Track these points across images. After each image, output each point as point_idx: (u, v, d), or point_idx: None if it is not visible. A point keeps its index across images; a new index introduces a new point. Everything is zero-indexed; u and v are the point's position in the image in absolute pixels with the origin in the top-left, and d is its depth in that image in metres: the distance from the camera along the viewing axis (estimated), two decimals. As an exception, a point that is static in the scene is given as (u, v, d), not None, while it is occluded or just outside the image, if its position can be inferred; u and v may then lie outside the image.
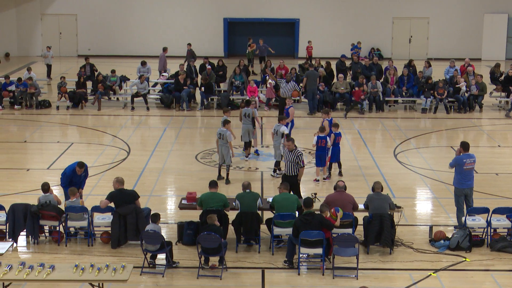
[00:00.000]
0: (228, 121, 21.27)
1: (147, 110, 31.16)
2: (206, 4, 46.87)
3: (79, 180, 17.55)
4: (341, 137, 21.83)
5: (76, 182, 17.41)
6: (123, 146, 25.21)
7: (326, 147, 21.06)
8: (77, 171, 17.41)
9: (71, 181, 17.36)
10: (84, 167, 17.51)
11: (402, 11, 47.08)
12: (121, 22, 46.96)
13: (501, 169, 22.42)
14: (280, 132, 21.32)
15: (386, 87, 31.63)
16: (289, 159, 18.23)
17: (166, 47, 37.06)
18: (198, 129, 28.47)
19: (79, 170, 17.41)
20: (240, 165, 22.76)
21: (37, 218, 16.24)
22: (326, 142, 21.04)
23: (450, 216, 18.19)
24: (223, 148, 20.91)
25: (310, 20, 46.99)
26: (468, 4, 46.73)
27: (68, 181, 17.35)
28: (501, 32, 46.84)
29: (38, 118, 29.72)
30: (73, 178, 17.41)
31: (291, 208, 16.00)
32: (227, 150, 20.86)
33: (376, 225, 15.82)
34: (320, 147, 20.99)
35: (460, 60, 36.28)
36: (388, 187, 20.12)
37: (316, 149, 21.10)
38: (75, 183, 17.35)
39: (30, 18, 46.95)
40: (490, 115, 31.00)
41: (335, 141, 21.40)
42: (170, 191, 20.68)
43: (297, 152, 18.25)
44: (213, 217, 15.25)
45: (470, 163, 16.99)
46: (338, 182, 16.59)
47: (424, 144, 26.20)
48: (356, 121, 29.45)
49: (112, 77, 32.50)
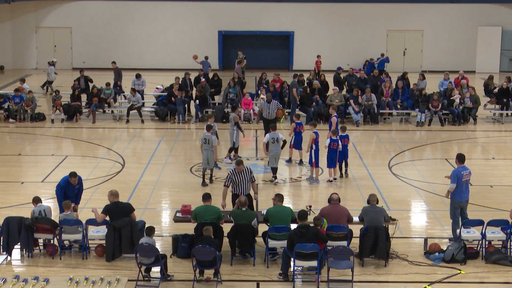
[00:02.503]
0: (211, 126, 22.38)
1: (141, 123, 31.15)
2: (201, 17, 46.94)
3: (73, 192, 17.53)
4: (348, 139, 22.74)
5: (70, 194, 17.40)
6: (118, 159, 25.18)
7: (337, 149, 22.01)
8: (71, 181, 17.41)
9: (65, 193, 17.34)
10: (77, 177, 17.51)
11: (396, 24, 47.21)
12: (116, 35, 46.99)
13: (496, 181, 22.45)
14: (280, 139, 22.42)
15: (381, 99, 31.69)
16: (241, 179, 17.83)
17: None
18: (193, 141, 28.44)
19: (73, 180, 17.41)
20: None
21: (32, 231, 16.19)
22: (338, 145, 21.98)
23: (445, 228, 18.20)
24: (208, 152, 21.76)
25: (305, 32, 47.09)
26: (462, 17, 46.89)
27: (63, 192, 17.32)
28: (495, 45, 46.97)
29: (32, 131, 29.69)
30: (67, 190, 17.40)
31: (286, 221, 15.98)
32: (212, 154, 21.77)
33: (371, 237, 15.81)
34: (332, 149, 21.95)
35: (454, 72, 36.36)
36: (383, 200, 20.12)
37: (328, 151, 22.00)
38: (69, 195, 17.34)
39: (25, 31, 46.96)
40: (484, 128, 31.05)
41: (343, 143, 22.37)
42: (165, 204, 20.66)
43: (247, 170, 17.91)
44: (210, 229, 15.24)
45: (466, 175, 17.06)
46: (332, 195, 16.58)
47: (418, 157, 26.22)
48: (351, 133, 29.41)
49: (106, 90, 32.51)
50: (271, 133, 22.42)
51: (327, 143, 22.09)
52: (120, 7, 46.97)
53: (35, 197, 16.86)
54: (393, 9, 46.98)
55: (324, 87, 32.76)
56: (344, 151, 22.56)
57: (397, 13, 47.07)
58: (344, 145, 22.42)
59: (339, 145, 22.08)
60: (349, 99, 31.28)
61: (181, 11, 46.99)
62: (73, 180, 17.45)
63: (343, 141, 22.41)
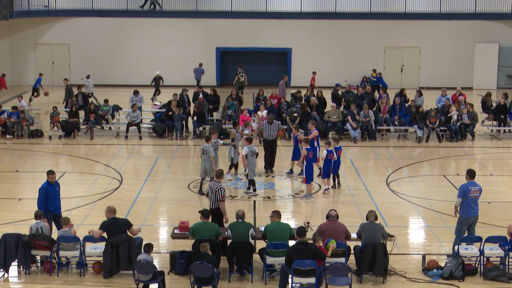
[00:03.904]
0: (209, 137, 22.72)
1: (139, 139, 31.16)
2: (199, 33, 47.05)
3: (55, 193, 17.60)
4: (341, 150, 23.49)
5: (52, 195, 17.48)
6: (116, 175, 25.17)
7: (332, 160, 22.65)
8: (50, 179, 17.50)
9: (47, 195, 17.38)
10: (55, 174, 17.67)
11: (393, 40, 47.33)
12: (114, 52, 47.10)
13: (494, 197, 22.44)
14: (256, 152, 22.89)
15: (378, 116, 31.74)
16: (212, 191, 17.77)
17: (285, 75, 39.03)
18: (191, 158, 28.45)
19: (51, 177, 17.53)
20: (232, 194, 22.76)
21: (29, 248, 16.16)
22: (333, 155, 22.66)
23: (443, 245, 18.19)
24: (206, 162, 22.21)
25: (302, 49, 47.19)
26: (459, 34, 47.03)
27: (45, 196, 17.35)
28: (492, 61, 47.08)
29: (30, 147, 29.68)
30: (49, 192, 17.45)
31: (284, 237, 15.96)
32: (210, 165, 22.09)
33: (369, 254, 15.78)
34: (328, 160, 22.58)
35: (452, 89, 36.45)
36: (381, 216, 20.09)
37: (325, 162, 22.61)
38: (52, 197, 17.43)
39: (23, 47, 47.05)
40: (482, 144, 31.08)
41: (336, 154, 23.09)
42: (163, 221, 20.64)
43: (218, 186, 17.81)
44: (206, 245, 15.21)
45: (475, 191, 16.98)
46: (331, 211, 16.57)
47: (416, 173, 26.23)
48: (348, 150, 29.47)
49: (104, 107, 32.55)
50: (249, 146, 22.75)
51: (324, 154, 22.57)
52: (118, 24, 47.09)
53: (38, 211, 16.78)
54: (391, 26, 47.12)
55: (321, 103, 32.80)
56: (338, 162, 23.22)
57: (395, 30, 47.21)
58: (337, 156, 23.10)
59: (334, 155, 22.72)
60: (346, 116, 31.32)
61: (179, 28, 47.10)
62: (51, 177, 17.55)
63: (337, 153, 23.10)
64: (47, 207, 17.36)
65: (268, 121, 25.50)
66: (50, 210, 17.44)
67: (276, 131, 25.42)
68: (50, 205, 17.50)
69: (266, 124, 25.50)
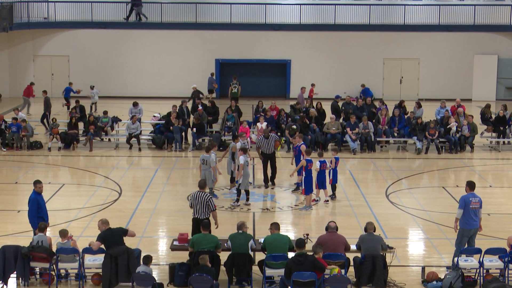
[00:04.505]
0: (210, 147, 22.80)
1: (139, 151, 31.16)
2: (198, 45, 47.13)
3: (43, 202, 17.63)
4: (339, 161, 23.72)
5: (43, 205, 17.48)
6: (115, 187, 25.15)
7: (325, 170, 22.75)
8: (37, 189, 17.50)
9: (39, 204, 17.36)
10: (41, 183, 17.70)
11: (392, 52, 47.42)
12: (113, 64, 47.16)
13: (493, 209, 22.41)
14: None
15: (378, 127, 31.75)
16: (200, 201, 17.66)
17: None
18: (190, 169, 28.44)
19: (39, 186, 17.54)
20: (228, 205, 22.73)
21: (28, 259, 16.13)
22: (326, 165, 22.82)
23: (443, 256, 18.17)
24: (206, 172, 22.38)
25: (301, 61, 47.26)
26: (458, 45, 47.13)
27: (36, 205, 17.32)
28: (491, 73, 47.18)
29: (29, 159, 29.67)
30: (39, 202, 17.42)
31: (283, 249, 15.93)
32: (210, 175, 22.34)
33: (368, 265, 15.76)
34: (322, 171, 22.67)
35: (451, 100, 36.49)
36: (380, 228, 20.07)
37: (318, 173, 22.67)
38: (43, 206, 17.45)
39: (23, 59, 47.11)
40: (481, 156, 31.09)
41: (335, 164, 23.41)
42: (162, 232, 20.61)
43: (207, 196, 17.71)
44: (205, 257, 15.19)
45: (475, 203, 16.96)
46: (330, 223, 16.54)
47: (416, 185, 26.21)
48: (347, 161, 29.48)
49: (104, 118, 32.56)
50: (244, 156, 22.57)
51: (317, 165, 22.56)
52: (117, 36, 47.16)
53: (41, 224, 16.74)
54: (390, 38, 47.22)
55: (321, 115, 32.81)
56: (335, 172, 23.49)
57: (394, 42, 47.30)
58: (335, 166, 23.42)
59: (328, 165, 22.90)
60: (346, 127, 31.35)
61: (178, 40, 47.19)
62: (39, 187, 17.55)
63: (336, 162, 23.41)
64: (40, 218, 17.32)
65: (264, 136, 25.31)
66: (45, 220, 17.42)
67: (274, 143, 25.31)
68: (43, 215, 17.49)
69: (262, 139, 25.34)
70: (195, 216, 17.63)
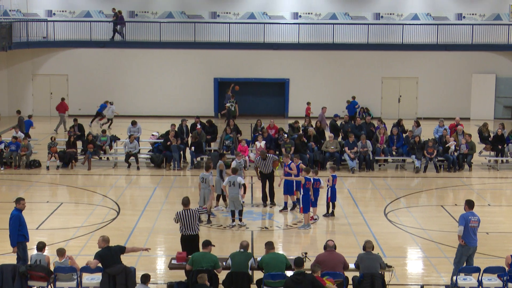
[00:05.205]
0: (209, 166, 22.88)
1: (137, 169, 31.16)
2: (197, 64, 47.22)
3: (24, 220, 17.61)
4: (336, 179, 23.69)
5: (24, 222, 17.50)
6: (113, 205, 25.13)
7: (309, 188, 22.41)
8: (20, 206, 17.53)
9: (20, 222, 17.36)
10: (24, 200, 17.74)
11: (391, 71, 47.52)
12: (112, 82, 47.21)
13: (492, 228, 22.40)
14: (237, 183, 22.34)
15: (376, 146, 31.78)
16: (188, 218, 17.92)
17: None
18: (188, 188, 28.42)
19: (22, 203, 17.60)
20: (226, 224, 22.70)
21: (26, 278, 16.09)
22: (320, 184, 22.70)
23: (441, 275, 18.14)
24: (205, 191, 22.44)
25: (300, 80, 47.35)
26: (456, 65, 47.25)
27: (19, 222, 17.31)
28: (489, 92, 47.27)
29: (28, 178, 29.65)
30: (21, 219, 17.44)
31: (280, 268, 15.91)
32: (209, 193, 22.35)
33: (367, 284, 15.72)
34: (315, 189, 22.57)
35: (449, 119, 36.53)
36: (379, 246, 20.06)
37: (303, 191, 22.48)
38: (24, 223, 17.46)
39: (21, 78, 47.17)
40: (480, 174, 31.10)
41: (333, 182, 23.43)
42: (160, 251, 20.57)
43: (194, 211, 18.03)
44: (204, 276, 15.16)
45: (474, 221, 16.98)
46: (328, 242, 16.54)
47: (414, 203, 26.21)
48: (346, 180, 29.48)
49: (102, 137, 32.58)
50: (230, 177, 22.52)
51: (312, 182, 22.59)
52: (116, 55, 47.26)
53: (40, 243, 16.73)
54: (388, 57, 47.35)
55: (319, 134, 32.84)
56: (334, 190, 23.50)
57: (392, 61, 47.42)
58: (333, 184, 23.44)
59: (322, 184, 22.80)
60: (344, 146, 31.37)
61: (177, 59, 47.29)
62: (22, 203, 17.59)
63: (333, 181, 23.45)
64: (22, 235, 17.30)
65: (262, 158, 25.24)
66: (26, 238, 17.39)
67: (272, 163, 25.23)
68: (25, 232, 17.49)
69: (260, 161, 25.26)
70: (183, 233, 17.78)
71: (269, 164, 25.01)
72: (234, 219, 22.59)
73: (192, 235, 17.71)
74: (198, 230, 17.90)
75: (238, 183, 22.33)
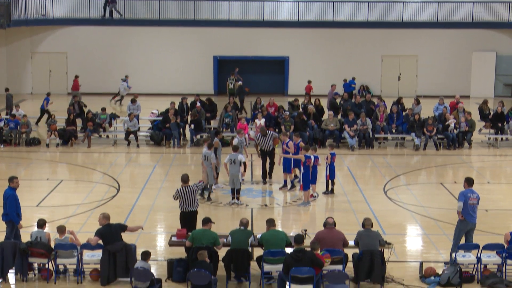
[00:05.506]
0: (212, 144, 22.95)
1: (137, 147, 31.16)
2: (196, 42, 47.13)
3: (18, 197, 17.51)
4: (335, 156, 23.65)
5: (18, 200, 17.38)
6: (113, 183, 25.16)
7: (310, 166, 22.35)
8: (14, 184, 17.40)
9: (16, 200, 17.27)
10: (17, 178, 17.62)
11: (391, 49, 47.44)
12: (111, 60, 47.13)
13: (491, 205, 22.42)
14: (238, 161, 22.35)
15: (376, 124, 31.76)
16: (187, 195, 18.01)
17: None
18: (188, 166, 28.44)
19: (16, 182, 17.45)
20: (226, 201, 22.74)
21: (26, 255, 16.14)
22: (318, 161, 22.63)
23: (441, 252, 18.19)
24: (208, 168, 22.50)
25: (300, 58, 47.29)
26: (456, 42, 47.15)
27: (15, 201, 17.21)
28: (490, 70, 47.22)
29: (28, 155, 29.67)
30: (16, 198, 17.32)
31: (280, 245, 15.94)
32: (211, 171, 22.56)
33: (366, 261, 15.77)
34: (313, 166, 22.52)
35: (449, 97, 36.50)
36: (378, 224, 20.10)
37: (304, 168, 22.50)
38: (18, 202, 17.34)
39: (20, 56, 47.10)
40: (479, 152, 31.11)
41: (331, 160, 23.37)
42: (160, 228, 20.61)
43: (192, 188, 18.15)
44: (204, 253, 15.21)
45: (474, 199, 17.00)
46: (328, 219, 16.56)
47: (414, 181, 26.24)
48: (345, 158, 29.50)
49: (102, 115, 32.55)
50: (231, 154, 22.54)
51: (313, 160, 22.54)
52: (115, 33, 47.14)
53: (40, 220, 16.76)
54: (388, 35, 47.24)
55: (319, 111, 32.81)
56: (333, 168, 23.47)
57: (392, 39, 47.32)
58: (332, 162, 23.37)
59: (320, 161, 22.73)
60: (344, 124, 31.36)
61: (176, 37, 47.19)
62: (16, 182, 17.45)
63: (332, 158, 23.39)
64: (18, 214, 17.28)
65: (262, 134, 25.27)
66: (19, 215, 17.33)
67: (272, 140, 25.24)
68: (19, 211, 17.37)
69: (260, 137, 25.31)
70: (183, 210, 17.86)
71: (269, 141, 25.03)
72: (234, 196, 22.64)
73: (192, 211, 17.81)
74: (197, 206, 17.97)
75: (239, 161, 22.34)
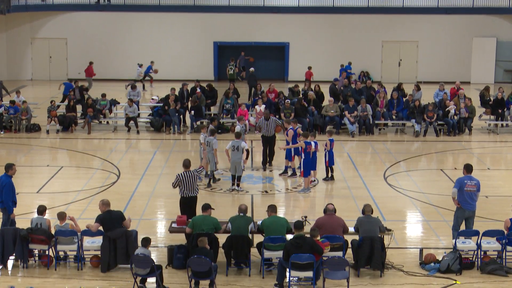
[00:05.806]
0: (214, 130, 23.19)
1: (137, 133, 31.15)
2: (196, 28, 47.04)
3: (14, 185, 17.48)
4: (333, 143, 23.58)
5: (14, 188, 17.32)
6: (113, 169, 25.16)
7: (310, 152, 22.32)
8: (11, 172, 17.32)
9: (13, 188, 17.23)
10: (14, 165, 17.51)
11: (391, 35, 47.35)
12: (111, 46, 47.07)
13: (491, 191, 22.43)
14: (241, 148, 22.33)
15: (376, 110, 31.73)
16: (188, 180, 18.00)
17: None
18: (188, 152, 28.44)
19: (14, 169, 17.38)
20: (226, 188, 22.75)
21: (27, 242, 16.15)
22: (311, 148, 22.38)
23: (441, 238, 18.21)
24: (209, 155, 22.68)
25: (300, 44, 47.20)
26: (457, 28, 47.05)
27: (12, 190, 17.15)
28: (490, 56, 47.14)
29: (28, 141, 29.67)
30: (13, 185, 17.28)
31: (280, 232, 15.95)
32: (213, 157, 22.68)
33: (366, 248, 15.79)
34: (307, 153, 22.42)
35: (449, 83, 36.45)
36: (378, 210, 20.11)
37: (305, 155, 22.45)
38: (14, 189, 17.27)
39: (20, 42, 47.02)
40: (480, 138, 31.10)
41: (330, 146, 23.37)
42: (160, 215, 20.64)
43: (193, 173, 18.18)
44: (204, 240, 15.22)
45: (471, 185, 16.98)
46: (328, 205, 16.58)
47: (414, 167, 26.24)
48: (346, 144, 29.50)
49: (102, 101, 32.52)
50: (233, 141, 22.55)
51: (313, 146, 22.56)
52: (115, 18, 47.06)
53: (41, 207, 16.77)
54: (388, 21, 47.14)
55: (319, 98, 32.78)
56: (331, 154, 23.47)
57: (392, 25, 47.22)
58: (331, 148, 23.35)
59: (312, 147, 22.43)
60: (344, 110, 31.33)
61: (176, 22, 47.10)
62: (14, 169, 17.39)
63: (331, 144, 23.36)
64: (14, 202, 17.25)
65: (265, 118, 25.34)
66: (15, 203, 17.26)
67: (274, 127, 25.25)
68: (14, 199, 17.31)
69: (263, 121, 25.35)
70: (183, 195, 17.86)
71: (271, 126, 25.06)
72: (234, 183, 22.64)
73: (192, 196, 17.86)
74: (197, 191, 18.00)
75: (242, 148, 22.32)
